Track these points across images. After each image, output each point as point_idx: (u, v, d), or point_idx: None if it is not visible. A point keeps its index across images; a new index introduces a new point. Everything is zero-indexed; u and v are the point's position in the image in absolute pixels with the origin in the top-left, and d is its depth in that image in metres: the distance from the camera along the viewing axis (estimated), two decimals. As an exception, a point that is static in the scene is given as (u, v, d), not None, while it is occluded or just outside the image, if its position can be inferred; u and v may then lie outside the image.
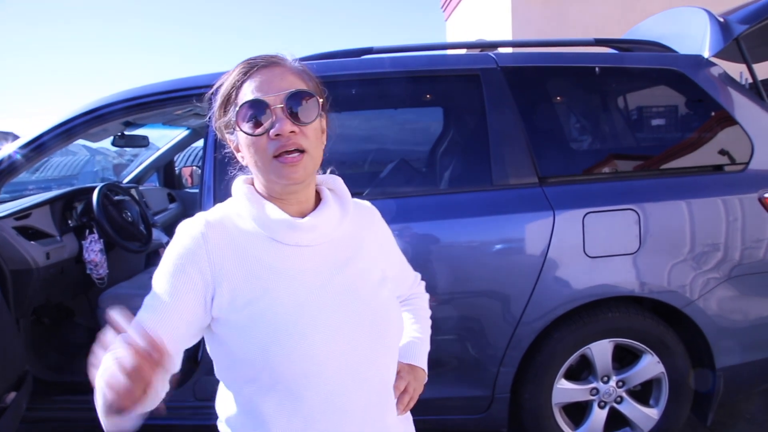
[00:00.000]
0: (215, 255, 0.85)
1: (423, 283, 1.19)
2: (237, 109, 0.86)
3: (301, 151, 0.85)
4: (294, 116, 0.85)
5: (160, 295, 0.84)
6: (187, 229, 0.88)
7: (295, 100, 0.85)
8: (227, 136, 0.93)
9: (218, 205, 0.94)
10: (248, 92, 0.86)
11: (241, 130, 0.86)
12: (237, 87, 0.88)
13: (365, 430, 0.90)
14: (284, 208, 0.90)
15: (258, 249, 0.88)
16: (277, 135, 0.84)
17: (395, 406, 0.99)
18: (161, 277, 0.86)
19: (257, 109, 0.84)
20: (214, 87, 0.93)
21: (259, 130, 0.85)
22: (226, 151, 0.97)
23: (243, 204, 0.90)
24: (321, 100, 0.89)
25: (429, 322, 1.17)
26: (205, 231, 0.86)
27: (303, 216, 0.91)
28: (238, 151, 0.93)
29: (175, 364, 0.83)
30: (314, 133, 0.88)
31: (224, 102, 0.90)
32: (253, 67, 0.88)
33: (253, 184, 0.94)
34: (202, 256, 0.85)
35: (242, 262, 0.86)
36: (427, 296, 1.19)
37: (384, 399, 0.95)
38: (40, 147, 2.27)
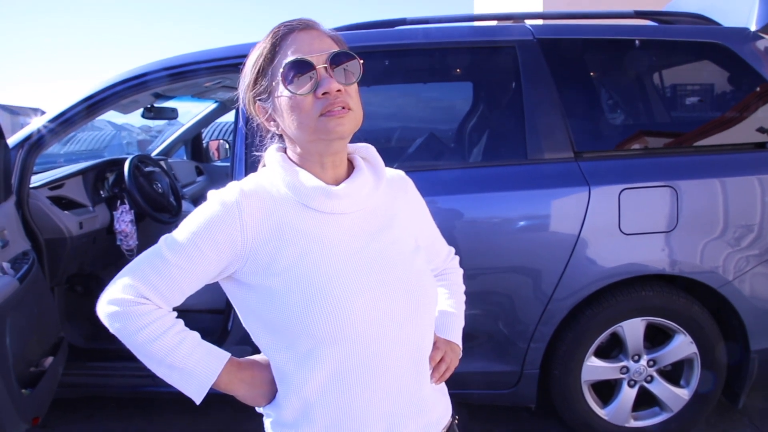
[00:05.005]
0: (250, 224, 0.85)
1: (457, 258, 1.18)
2: (281, 69, 0.85)
3: (346, 108, 0.85)
4: (339, 76, 0.85)
5: (179, 258, 0.85)
6: (221, 198, 0.87)
7: (339, 60, 0.85)
8: (259, 105, 0.92)
9: (251, 175, 0.94)
10: (289, 53, 0.85)
11: (288, 89, 0.85)
12: (275, 50, 0.87)
13: (400, 397, 0.90)
14: (319, 176, 0.90)
15: (293, 216, 0.88)
16: (324, 93, 0.84)
17: (431, 375, 0.99)
18: (183, 239, 0.86)
19: (302, 68, 0.84)
20: (248, 57, 0.92)
21: (304, 89, 0.84)
22: (254, 123, 0.96)
23: (277, 172, 0.90)
24: (361, 62, 0.88)
25: (463, 298, 1.17)
26: (240, 200, 0.86)
27: (337, 184, 0.91)
28: (270, 120, 0.92)
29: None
30: (356, 94, 0.89)
31: (261, 68, 0.89)
32: (291, 30, 0.87)
33: (285, 153, 0.94)
34: (235, 227, 0.85)
35: (278, 229, 0.87)
36: (461, 271, 1.18)
37: (420, 368, 0.95)
38: (70, 119, 2.29)
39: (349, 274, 0.86)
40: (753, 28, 2.17)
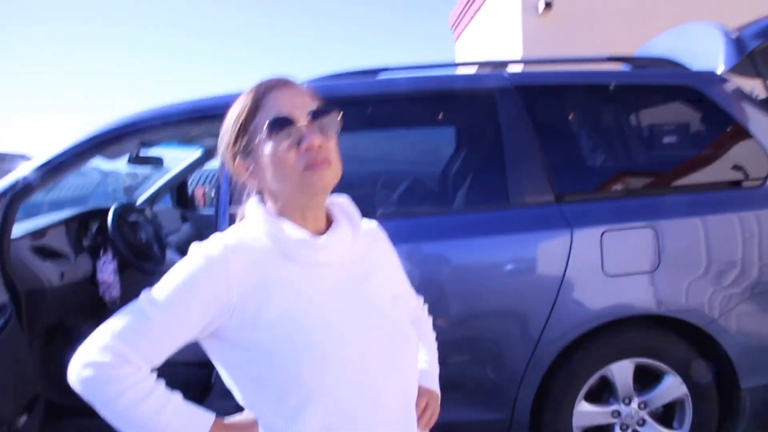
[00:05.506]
0: (235, 279, 0.85)
1: (426, 306, 1.20)
2: (264, 126, 0.86)
3: (328, 161, 0.88)
4: (319, 130, 0.87)
5: (162, 315, 0.84)
6: (205, 252, 0.87)
7: (318, 115, 0.88)
8: (239, 161, 0.93)
9: (232, 229, 0.94)
10: (271, 110, 0.87)
11: (271, 145, 0.86)
12: (256, 108, 0.89)
13: None
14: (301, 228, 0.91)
15: (277, 269, 0.88)
16: (307, 149, 0.86)
17: (417, 422, 0.99)
18: (166, 295, 0.85)
19: (285, 125, 0.86)
20: (228, 114, 0.94)
21: (287, 145, 0.86)
22: (236, 180, 0.97)
23: (260, 225, 0.91)
24: (339, 116, 0.91)
25: (435, 344, 1.18)
26: (225, 253, 0.86)
27: (318, 236, 0.92)
28: (252, 177, 0.92)
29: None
30: (335, 147, 0.91)
31: (241, 125, 0.90)
32: (270, 87, 0.90)
33: (264, 206, 0.95)
34: (220, 281, 0.85)
35: (263, 282, 0.86)
36: (430, 319, 1.20)
37: (408, 415, 0.95)
38: (55, 168, 2.28)
39: (336, 325, 0.86)
40: (720, 70, 2.25)
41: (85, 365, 0.83)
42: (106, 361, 0.82)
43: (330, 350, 0.84)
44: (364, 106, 2.18)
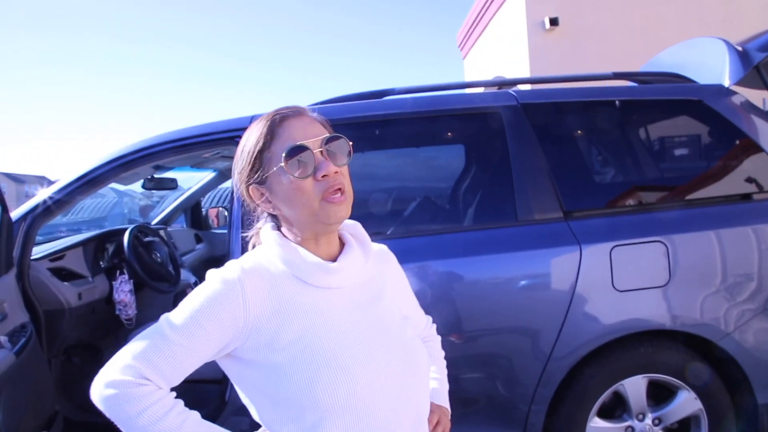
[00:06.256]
0: (252, 302, 0.88)
1: (434, 326, 1.22)
2: (283, 155, 0.89)
3: (343, 191, 0.91)
4: (333, 158, 0.91)
5: (182, 337, 0.87)
6: (222, 276, 0.90)
7: (332, 143, 0.92)
8: (253, 188, 0.96)
9: (248, 254, 0.98)
10: (286, 140, 0.91)
11: (289, 174, 0.89)
12: (271, 137, 0.92)
13: None
14: (314, 253, 0.94)
15: (292, 292, 0.91)
16: (323, 176, 0.89)
17: None
18: (185, 318, 0.88)
19: (301, 153, 0.89)
20: (242, 143, 0.97)
21: (305, 173, 0.89)
22: (248, 206, 1.00)
23: (275, 250, 0.94)
24: (351, 144, 0.93)
25: (444, 363, 1.20)
26: (242, 277, 0.89)
27: (331, 260, 0.95)
28: (268, 202, 0.96)
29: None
30: (348, 174, 0.94)
31: (257, 154, 0.93)
32: (284, 117, 0.93)
33: (279, 231, 0.98)
34: (238, 304, 0.88)
35: (279, 305, 0.90)
36: (439, 338, 1.22)
37: (420, 431, 0.97)
38: (73, 192, 2.34)
39: (350, 346, 0.89)
40: (726, 83, 2.26)
41: (108, 384, 0.85)
42: (127, 380, 0.85)
43: (344, 370, 0.86)
44: (373, 127, 2.22)
